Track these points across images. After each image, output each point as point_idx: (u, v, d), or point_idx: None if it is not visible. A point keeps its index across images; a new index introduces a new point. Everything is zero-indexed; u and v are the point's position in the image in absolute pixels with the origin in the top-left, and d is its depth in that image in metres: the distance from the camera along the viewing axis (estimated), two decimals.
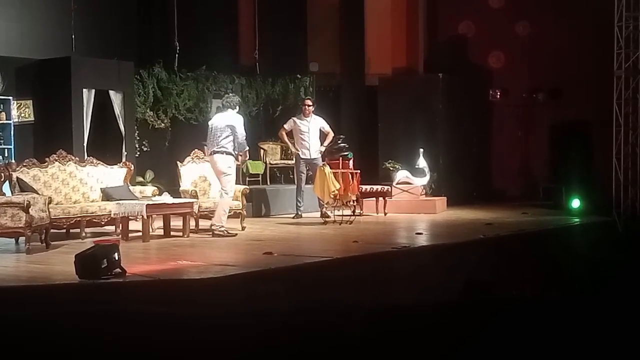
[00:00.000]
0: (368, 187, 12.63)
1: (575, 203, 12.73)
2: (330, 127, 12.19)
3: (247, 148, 10.03)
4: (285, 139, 12.12)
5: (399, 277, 7.88)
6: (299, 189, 12.17)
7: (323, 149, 12.00)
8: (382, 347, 6.01)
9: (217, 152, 9.79)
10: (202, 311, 6.11)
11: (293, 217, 12.08)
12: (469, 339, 5.72)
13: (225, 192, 9.82)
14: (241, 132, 9.81)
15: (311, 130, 12.03)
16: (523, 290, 7.58)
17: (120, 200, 9.67)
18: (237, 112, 9.99)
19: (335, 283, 7.23)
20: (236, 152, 9.85)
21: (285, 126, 12.05)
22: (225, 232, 9.72)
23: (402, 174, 13.55)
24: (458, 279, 7.38)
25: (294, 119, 12.10)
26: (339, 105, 15.45)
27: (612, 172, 12.35)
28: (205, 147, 10.25)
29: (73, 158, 10.16)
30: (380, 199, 12.82)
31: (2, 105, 11.38)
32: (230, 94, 10.70)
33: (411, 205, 13.13)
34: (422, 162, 13.63)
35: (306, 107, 12.10)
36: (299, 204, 12.20)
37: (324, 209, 11.66)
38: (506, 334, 5.78)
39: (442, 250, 8.93)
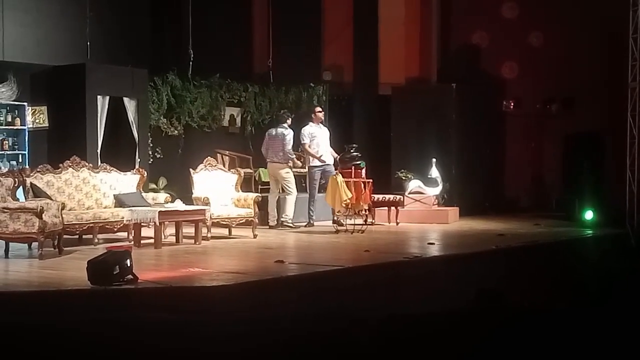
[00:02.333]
0: (380, 197, 12.62)
1: (589, 215, 12.66)
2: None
3: (291, 157, 11.97)
4: (312, 151, 12.13)
5: (410, 287, 7.87)
6: (312, 198, 12.19)
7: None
8: (393, 355, 6.00)
9: (275, 162, 11.87)
10: (213, 318, 6.12)
11: (305, 226, 12.08)
12: (478, 348, 5.71)
13: (289, 192, 11.84)
14: (288, 144, 11.80)
15: (322, 137, 12.10)
16: (535, 302, 7.55)
17: (133, 206, 9.70)
18: (287, 127, 11.91)
19: (346, 292, 7.22)
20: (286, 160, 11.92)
21: (305, 141, 12.08)
22: (293, 224, 11.78)
23: (414, 184, 13.52)
24: (470, 290, 7.36)
25: (307, 129, 12.12)
26: (351, 114, 15.47)
27: (625, 183, 12.29)
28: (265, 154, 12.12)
29: (86, 164, 10.19)
30: (393, 208, 12.80)
31: (16, 111, 11.43)
32: (282, 111, 12.63)
33: (423, 215, 13.11)
34: (434, 172, 13.60)
35: (319, 114, 12.22)
36: (311, 212, 12.21)
37: (337, 218, 11.66)
38: (516, 344, 5.76)
39: (454, 261, 8.90)
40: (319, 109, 12.55)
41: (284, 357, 6.14)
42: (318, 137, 12.07)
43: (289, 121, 12.05)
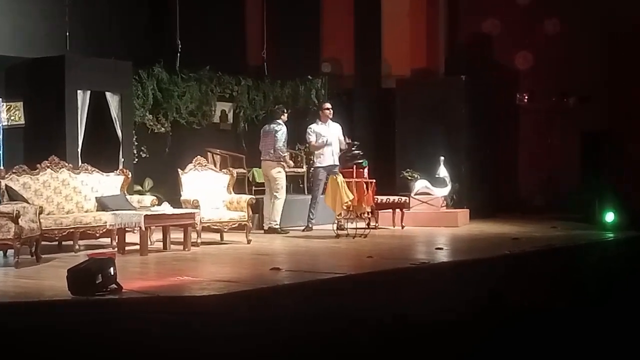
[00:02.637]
0: (384, 198, 12.63)
1: (609, 216, 12.67)
2: (345, 138, 12.28)
3: (283, 155, 11.87)
4: (318, 147, 12.22)
5: (417, 295, 7.86)
6: (314, 199, 12.20)
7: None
8: (392, 356, 6.02)
9: (267, 160, 11.89)
10: (203, 330, 6.12)
11: (303, 230, 12.10)
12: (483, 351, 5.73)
13: (277, 195, 11.74)
14: (278, 140, 11.76)
15: (330, 136, 12.13)
16: (550, 308, 7.55)
17: (117, 210, 9.70)
18: (281, 122, 11.94)
19: (348, 301, 7.22)
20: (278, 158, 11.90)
21: (311, 138, 12.14)
22: (280, 229, 11.73)
23: (421, 184, 13.54)
24: (481, 298, 7.36)
25: (313, 127, 12.21)
26: (352, 110, 15.48)
27: None
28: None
29: (66, 165, 10.19)
30: (397, 210, 12.82)
31: None
32: (276, 106, 12.84)
33: (431, 217, 13.12)
34: (442, 171, 13.62)
35: (326, 111, 12.24)
36: (311, 215, 12.23)
37: (340, 222, 11.64)
38: (525, 347, 5.78)
39: (464, 267, 8.90)
40: (327, 105, 12.49)
41: None
42: (325, 137, 12.11)
43: (284, 117, 12.07)
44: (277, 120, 12.04)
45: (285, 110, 12.31)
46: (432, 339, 6.36)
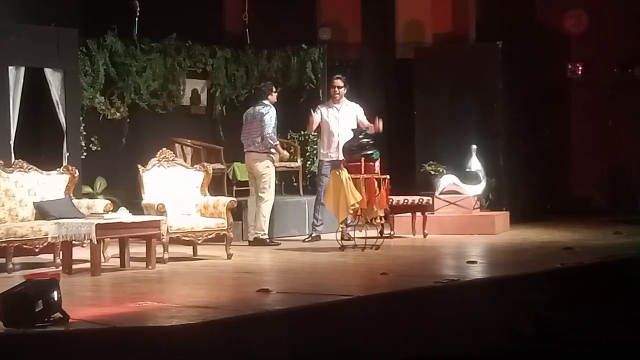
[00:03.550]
0: (401, 199, 12.64)
1: None
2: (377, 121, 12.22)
3: (274, 144, 11.97)
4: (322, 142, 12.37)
5: (443, 321, 7.87)
6: (318, 201, 12.20)
7: None
8: None
9: (252, 151, 11.98)
10: None
11: (305, 240, 12.13)
12: None
13: (263, 196, 11.86)
14: (267, 126, 11.84)
15: (342, 121, 12.12)
16: (614, 336, 7.57)
17: (61, 218, 9.69)
18: (269, 104, 11.99)
19: (356, 330, 7.23)
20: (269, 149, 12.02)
21: (314, 118, 12.15)
22: (268, 240, 11.84)
23: (447, 180, 13.54)
24: (525, 324, 7.36)
25: (320, 107, 12.30)
26: (359, 86, 15.45)
27: None
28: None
29: None
30: (418, 214, 12.83)
31: None
32: (262, 84, 12.80)
33: (460, 222, 13.14)
34: (475, 164, 13.62)
35: (335, 89, 12.25)
36: (316, 221, 12.24)
37: (346, 229, 11.64)
38: None
39: (504, 286, 8.90)
40: (336, 82, 12.35)
41: None
42: (331, 122, 12.17)
43: (273, 97, 12.06)
44: (264, 102, 12.05)
45: (274, 89, 12.30)
46: None
